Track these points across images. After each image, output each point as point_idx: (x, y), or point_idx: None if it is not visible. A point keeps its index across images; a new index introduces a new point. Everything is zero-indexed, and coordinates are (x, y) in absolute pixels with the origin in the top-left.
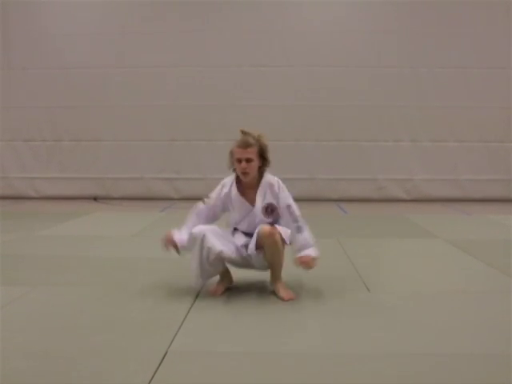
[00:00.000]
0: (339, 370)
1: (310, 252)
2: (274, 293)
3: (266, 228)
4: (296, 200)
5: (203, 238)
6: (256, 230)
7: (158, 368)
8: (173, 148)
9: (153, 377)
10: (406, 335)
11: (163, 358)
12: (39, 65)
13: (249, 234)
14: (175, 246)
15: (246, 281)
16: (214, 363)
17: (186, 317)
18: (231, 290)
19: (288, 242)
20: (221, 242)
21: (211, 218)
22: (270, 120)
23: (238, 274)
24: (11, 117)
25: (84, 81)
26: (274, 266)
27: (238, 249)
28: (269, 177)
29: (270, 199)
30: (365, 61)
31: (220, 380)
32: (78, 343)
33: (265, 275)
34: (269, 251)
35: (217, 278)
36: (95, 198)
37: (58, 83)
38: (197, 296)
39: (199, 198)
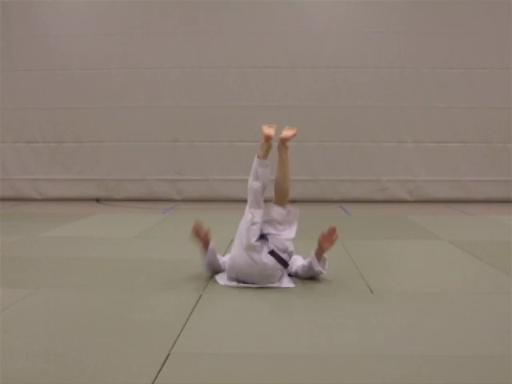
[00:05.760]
0: (341, 371)
1: None
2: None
3: None
4: (299, 201)
5: None
6: None
7: (160, 370)
8: (175, 149)
9: (155, 379)
10: (408, 337)
11: (166, 359)
12: (41, 66)
13: None
14: None
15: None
16: (217, 365)
17: (188, 318)
18: (234, 292)
19: None
20: None
21: None
22: (272, 121)
23: None
24: (13, 118)
25: (86, 82)
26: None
27: None
28: None
29: None
30: (367, 62)
31: (222, 382)
32: (80, 345)
33: None
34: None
35: None
36: (98, 200)
37: (60, 84)
38: (199, 297)
39: (202, 200)
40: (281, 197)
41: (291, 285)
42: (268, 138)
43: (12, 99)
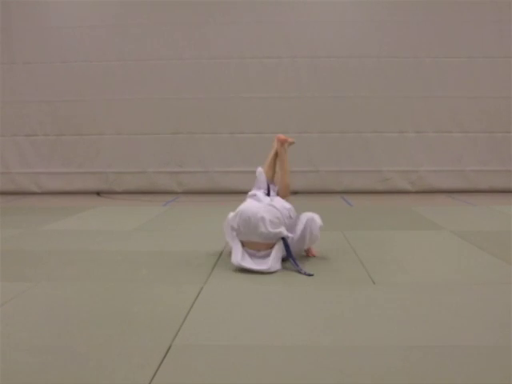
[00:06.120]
0: (343, 361)
1: None
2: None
3: None
4: (300, 193)
5: None
6: None
7: (161, 362)
8: (176, 141)
9: (156, 371)
10: (410, 327)
11: (167, 351)
12: (41, 59)
13: None
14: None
15: (249, 274)
16: (218, 357)
17: (190, 310)
18: (235, 283)
19: None
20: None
21: None
22: (273, 112)
23: (244, 272)
24: (13, 111)
25: (86, 74)
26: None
27: None
28: None
29: None
30: (368, 51)
31: (224, 374)
32: (81, 338)
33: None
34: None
35: None
36: (98, 193)
37: (60, 77)
38: (200, 289)
39: (203, 192)
40: (282, 190)
41: (279, 266)
42: (278, 138)
43: (11, 92)
